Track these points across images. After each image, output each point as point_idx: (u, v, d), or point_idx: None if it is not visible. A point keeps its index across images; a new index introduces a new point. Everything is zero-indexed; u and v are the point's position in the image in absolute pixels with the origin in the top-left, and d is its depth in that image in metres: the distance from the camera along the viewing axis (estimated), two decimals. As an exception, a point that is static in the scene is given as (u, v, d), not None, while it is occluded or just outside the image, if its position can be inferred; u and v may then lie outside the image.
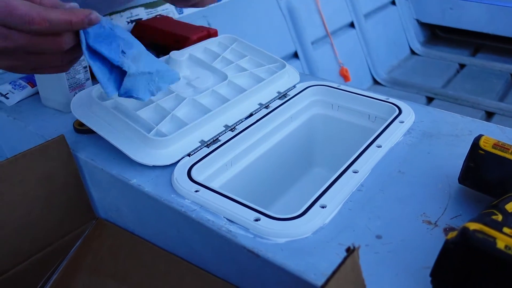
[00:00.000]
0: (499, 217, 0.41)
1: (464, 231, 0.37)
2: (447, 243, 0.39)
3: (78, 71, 0.73)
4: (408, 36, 2.14)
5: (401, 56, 2.08)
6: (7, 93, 0.76)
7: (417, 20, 2.23)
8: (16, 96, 0.76)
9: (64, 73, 0.71)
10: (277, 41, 1.49)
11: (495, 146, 0.51)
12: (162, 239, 0.60)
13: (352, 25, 1.86)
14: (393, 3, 2.11)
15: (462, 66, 2.03)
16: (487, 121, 1.60)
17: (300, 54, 1.57)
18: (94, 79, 0.81)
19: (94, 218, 0.66)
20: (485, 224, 0.38)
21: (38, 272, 0.61)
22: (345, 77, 1.71)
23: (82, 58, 0.72)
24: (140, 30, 0.97)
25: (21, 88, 0.77)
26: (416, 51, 2.14)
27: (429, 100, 1.80)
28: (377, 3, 2.00)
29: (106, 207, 0.66)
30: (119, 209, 0.63)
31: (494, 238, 0.36)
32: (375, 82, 1.90)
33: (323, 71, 1.63)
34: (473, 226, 0.38)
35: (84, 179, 0.64)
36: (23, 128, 0.71)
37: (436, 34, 2.28)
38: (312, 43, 1.62)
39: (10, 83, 0.78)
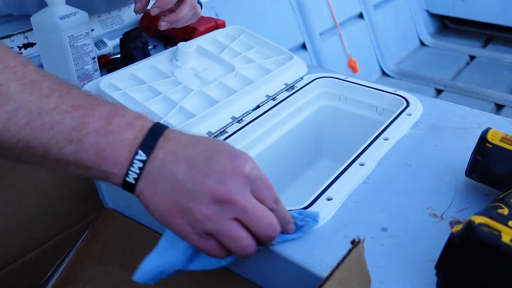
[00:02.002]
0: (505, 211, 0.40)
1: (470, 224, 0.38)
2: (452, 236, 0.39)
3: (87, 62, 0.73)
4: (418, 27, 2.12)
5: (411, 48, 2.07)
6: (17, 84, 0.77)
7: (427, 11, 2.20)
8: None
9: (73, 63, 0.71)
10: (285, 32, 1.49)
11: (503, 139, 0.51)
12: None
13: (361, 16, 1.85)
14: (403, -7, 2.09)
15: (472, 57, 2.01)
16: (496, 113, 1.60)
17: (308, 45, 1.56)
18: (102, 70, 0.82)
19: (102, 208, 0.67)
20: (491, 217, 0.38)
21: (48, 261, 0.62)
22: (353, 68, 1.70)
23: (90, 49, 0.73)
24: (148, 21, 0.97)
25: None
26: (425, 42, 2.12)
27: (438, 92, 1.78)
28: (387, -6, 1.99)
29: (114, 198, 0.66)
30: (127, 199, 0.64)
31: (500, 232, 0.36)
32: (384, 73, 1.89)
33: (331, 62, 1.62)
34: (478, 219, 0.38)
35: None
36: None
37: (446, 25, 2.26)
38: (321, 34, 1.62)
39: (19, 74, 0.79)
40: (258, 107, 0.70)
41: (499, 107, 1.67)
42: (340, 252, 0.45)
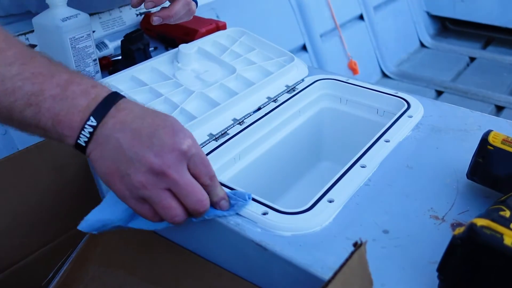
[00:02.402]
0: (507, 213, 0.40)
1: (472, 226, 0.38)
2: (454, 239, 0.39)
3: (88, 63, 0.73)
4: (418, 28, 2.12)
5: (411, 49, 2.07)
6: (18, 86, 0.77)
7: (427, 13, 2.21)
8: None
9: (74, 65, 0.71)
10: (286, 34, 1.49)
11: (504, 141, 0.51)
12: (170, 232, 0.61)
13: (361, 17, 1.84)
14: (403, -5, 2.09)
15: (472, 59, 2.01)
16: (497, 115, 1.60)
17: (308, 46, 1.56)
18: (103, 72, 0.82)
19: (103, 210, 0.67)
20: (493, 220, 0.38)
21: (49, 263, 0.62)
22: (353, 70, 1.70)
23: (91, 51, 0.73)
24: (149, 22, 0.97)
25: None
26: (425, 44, 2.12)
27: (439, 93, 1.78)
28: (387, -5, 1.99)
29: (116, 199, 0.66)
30: (128, 201, 0.64)
31: (502, 234, 0.37)
32: (384, 75, 1.89)
33: (332, 64, 1.62)
34: (480, 222, 0.38)
35: (94, 172, 0.65)
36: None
37: (446, 27, 2.26)
38: (321, 35, 1.62)
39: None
40: (259, 109, 0.70)
41: (499, 109, 1.67)
42: (341, 254, 0.45)
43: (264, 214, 0.50)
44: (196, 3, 0.78)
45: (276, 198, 0.73)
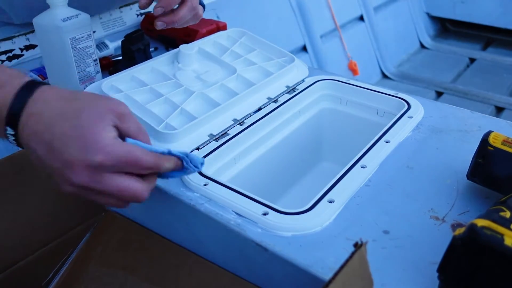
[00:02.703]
0: (507, 214, 0.40)
1: (472, 227, 0.38)
2: (454, 239, 0.39)
3: (88, 64, 0.73)
4: (418, 29, 2.13)
5: (411, 50, 2.07)
6: (18, 86, 0.77)
7: (427, 14, 2.21)
8: (27, 88, 0.77)
9: (75, 65, 0.71)
10: (286, 34, 1.49)
11: (504, 142, 0.51)
12: (171, 232, 0.61)
13: (361, 18, 1.85)
14: (403, -4, 2.09)
15: (472, 60, 2.01)
16: (496, 116, 1.60)
17: (308, 47, 1.57)
18: (104, 72, 0.82)
19: (104, 210, 0.67)
20: (493, 220, 0.38)
21: (49, 263, 0.62)
22: (353, 70, 1.70)
23: (92, 51, 0.73)
24: (150, 22, 0.97)
25: (32, 81, 0.78)
26: (425, 45, 2.12)
27: (438, 94, 1.79)
28: (387, -4, 1.99)
29: (116, 200, 0.66)
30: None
31: (502, 235, 0.37)
32: (384, 76, 1.89)
33: (332, 65, 1.62)
34: (481, 222, 0.38)
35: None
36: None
37: (447, 28, 2.26)
38: (321, 36, 1.62)
39: (21, 75, 0.79)
40: (259, 109, 0.70)
41: (499, 110, 1.67)
42: (342, 254, 0.46)
43: (265, 214, 0.50)
44: (203, 6, 0.77)
45: (276, 199, 0.73)
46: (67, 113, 0.45)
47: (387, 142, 0.62)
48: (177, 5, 0.73)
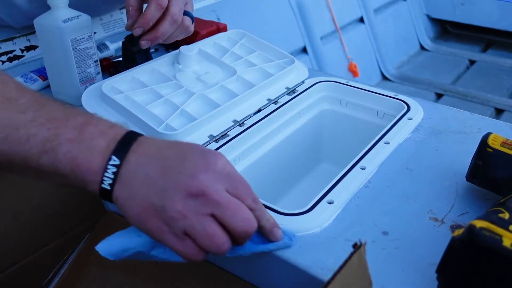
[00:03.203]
0: (506, 215, 0.41)
1: (471, 228, 0.38)
2: (453, 240, 0.39)
3: (89, 65, 0.73)
4: (418, 31, 2.13)
5: (411, 52, 2.08)
6: (19, 86, 0.77)
7: (428, 16, 2.21)
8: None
9: (75, 66, 0.71)
10: (286, 36, 1.49)
11: (503, 144, 0.51)
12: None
13: (361, 20, 1.85)
14: (403, -2, 2.10)
15: (472, 62, 2.02)
16: (496, 118, 1.60)
17: (309, 49, 1.57)
18: (104, 73, 0.82)
19: (104, 211, 0.67)
20: (492, 222, 0.38)
21: (49, 263, 0.62)
22: (353, 72, 1.70)
23: (92, 52, 0.73)
24: (150, 24, 0.97)
25: (32, 81, 0.78)
26: (425, 46, 2.13)
27: (438, 96, 1.79)
28: (387, -2, 2.00)
29: (116, 200, 0.66)
30: (129, 202, 0.64)
31: (500, 236, 0.37)
32: (384, 77, 1.89)
33: (332, 66, 1.62)
34: (479, 223, 0.38)
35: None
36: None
37: (447, 30, 2.27)
38: (321, 38, 1.62)
39: (21, 76, 0.79)
40: (259, 110, 0.70)
41: (498, 112, 1.67)
42: (341, 255, 0.46)
43: (264, 215, 0.50)
44: (192, 18, 0.75)
45: (276, 200, 0.73)
46: (178, 142, 0.45)
47: (386, 143, 0.62)
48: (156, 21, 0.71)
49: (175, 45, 0.92)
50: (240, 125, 0.67)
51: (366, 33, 1.85)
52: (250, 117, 0.69)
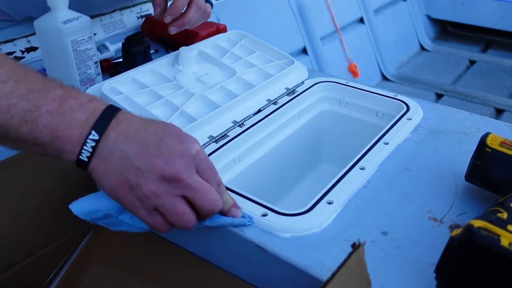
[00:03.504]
0: (504, 215, 0.41)
1: (469, 228, 0.38)
2: (451, 240, 0.40)
3: (89, 66, 0.74)
4: (418, 31, 2.13)
5: (411, 52, 2.07)
6: (20, 88, 0.78)
7: (428, 16, 2.21)
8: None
9: (75, 67, 0.72)
10: (286, 37, 1.49)
11: (502, 144, 0.51)
12: (171, 233, 0.60)
13: (361, 20, 1.85)
14: (403, -2, 2.10)
15: (472, 62, 2.02)
16: (496, 118, 1.60)
17: (308, 49, 1.57)
18: (104, 74, 0.82)
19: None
20: (490, 221, 0.38)
21: (50, 263, 0.62)
22: (353, 72, 1.70)
23: (92, 53, 0.74)
24: (150, 25, 0.98)
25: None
26: (426, 47, 2.13)
27: (439, 96, 1.79)
28: (387, -2, 2.00)
29: (116, 201, 0.67)
30: (129, 202, 0.64)
31: (498, 236, 0.37)
32: (384, 78, 1.89)
33: (332, 67, 1.62)
34: (477, 223, 0.38)
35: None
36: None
37: (447, 30, 2.27)
38: (321, 38, 1.62)
39: (22, 77, 0.79)
40: (259, 111, 0.71)
41: (499, 112, 1.67)
42: (340, 255, 0.46)
43: (264, 215, 0.50)
44: (211, 4, 0.80)
45: (275, 200, 0.73)
46: (156, 121, 0.48)
47: (386, 143, 0.62)
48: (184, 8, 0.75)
49: (174, 46, 0.92)
50: (240, 125, 0.67)
51: (366, 33, 1.85)
52: (250, 117, 0.69)
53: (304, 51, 1.57)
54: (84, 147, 0.45)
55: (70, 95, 0.46)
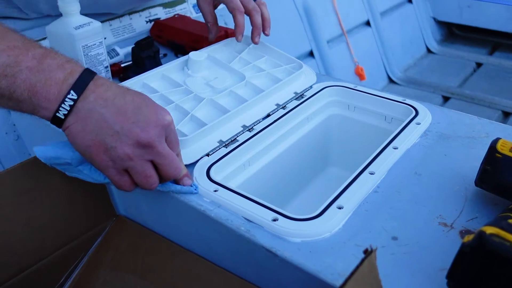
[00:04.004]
0: (516, 221, 0.41)
1: (481, 234, 0.38)
2: (463, 246, 0.40)
3: (100, 71, 0.74)
4: (425, 34, 2.13)
5: (417, 55, 2.07)
6: (31, 92, 0.78)
7: (434, 18, 2.21)
8: (39, 95, 0.78)
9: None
10: (293, 40, 1.50)
11: (512, 149, 0.51)
12: (181, 237, 0.61)
13: (368, 23, 1.85)
14: (410, 1, 2.09)
15: (479, 65, 2.01)
16: (504, 120, 1.59)
17: (315, 53, 1.57)
18: (114, 78, 0.83)
19: (114, 215, 0.68)
20: (502, 228, 0.38)
21: (61, 267, 0.63)
22: (360, 75, 1.70)
23: (103, 58, 0.74)
24: (159, 29, 0.98)
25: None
26: (432, 49, 2.12)
27: (445, 99, 1.78)
28: (394, 1, 1.99)
29: (126, 205, 0.67)
30: (139, 206, 0.65)
31: (510, 242, 0.37)
32: (391, 81, 1.89)
33: (339, 70, 1.62)
34: (489, 230, 0.38)
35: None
36: (46, 126, 0.72)
37: (453, 33, 2.26)
38: (328, 41, 1.62)
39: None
40: (268, 115, 0.71)
41: (506, 115, 1.67)
42: (351, 260, 0.46)
43: (274, 220, 0.51)
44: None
45: (285, 204, 0.73)
46: (131, 90, 0.51)
47: (395, 148, 0.62)
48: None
49: (183, 50, 0.93)
50: (249, 130, 0.67)
51: (373, 36, 1.85)
52: (259, 122, 0.69)
53: (311, 54, 1.57)
54: (62, 105, 0.47)
55: (49, 55, 0.48)
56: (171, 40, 0.96)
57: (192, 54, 0.75)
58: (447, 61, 2.05)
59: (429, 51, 2.12)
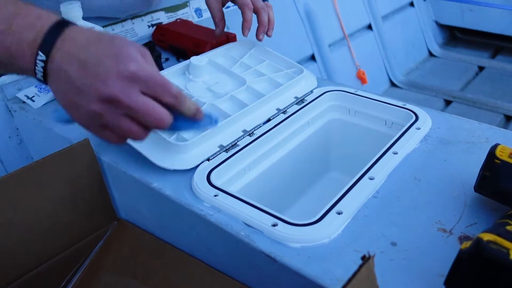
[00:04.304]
0: (514, 228, 0.41)
1: (478, 241, 0.38)
2: (461, 253, 0.40)
3: (101, 75, 0.75)
4: (426, 38, 2.13)
5: (419, 58, 2.07)
6: (33, 96, 0.79)
7: (436, 22, 2.21)
8: (42, 99, 0.79)
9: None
10: (295, 44, 1.50)
11: (511, 155, 0.51)
12: (181, 241, 0.62)
13: (369, 27, 1.85)
14: (412, 4, 2.10)
15: (481, 68, 2.01)
16: (505, 124, 1.59)
17: (317, 56, 1.58)
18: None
19: (115, 219, 0.68)
20: (499, 235, 0.38)
21: (62, 271, 0.63)
22: (362, 79, 1.70)
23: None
24: (161, 33, 0.99)
25: (46, 91, 0.80)
26: (434, 53, 2.12)
27: (447, 103, 1.78)
28: (395, 5, 2.00)
29: (128, 209, 0.67)
30: (140, 211, 0.65)
31: (508, 250, 0.37)
32: (392, 84, 1.89)
33: (340, 74, 1.63)
34: (487, 236, 0.38)
35: (107, 182, 0.66)
36: (49, 131, 0.73)
37: (455, 36, 2.26)
38: (330, 45, 1.63)
39: (36, 86, 0.81)
40: (268, 120, 0.71)
41: (508, 118, 1.66)
42: (350, 266, 0.46)
43: (274, 225, 0.51)
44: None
45: (285, 209, 0.74)
46: (101, 38, 0.47)
47: (395, 153, 0.62)
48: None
49: (185, 55, 0.93)
50: (249, 135, 0.68)
51: (375, 40, 1.85)
52: (260, 127, 0.70)
53: (313, 58, 1.57)
54: (36, 68, 0.46)
55: (20, 13, 0.46)
56: (173, 44, 0.96)
57: (193, 59, 0.76)
58: (449, 65, 2.05)
59: (431, 54, 2.13)
